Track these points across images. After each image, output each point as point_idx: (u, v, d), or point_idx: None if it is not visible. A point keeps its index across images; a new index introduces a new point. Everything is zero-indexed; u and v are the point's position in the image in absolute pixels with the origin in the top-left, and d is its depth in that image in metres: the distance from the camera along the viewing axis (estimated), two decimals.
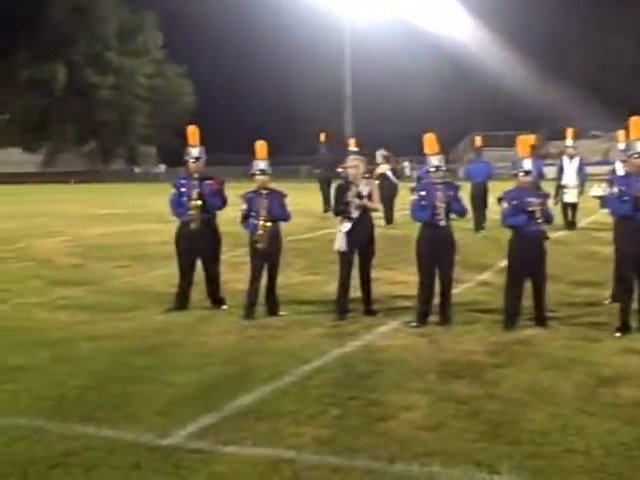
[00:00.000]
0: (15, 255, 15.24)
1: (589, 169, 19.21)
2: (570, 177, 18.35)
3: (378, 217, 11.43)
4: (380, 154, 21.48)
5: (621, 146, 13.00)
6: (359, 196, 9.05)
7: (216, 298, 9.81)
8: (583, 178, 18.45)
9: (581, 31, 67.33)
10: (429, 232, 8.76)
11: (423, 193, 8.80)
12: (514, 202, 8.48)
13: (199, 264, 9.77)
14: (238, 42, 70.37)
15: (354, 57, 60.88)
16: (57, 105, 67.88)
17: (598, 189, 16.57)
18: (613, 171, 13.54)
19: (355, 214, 9.05)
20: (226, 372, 6.97)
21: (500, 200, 8.67)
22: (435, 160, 8.90)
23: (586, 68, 67.95)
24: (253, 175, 9.35)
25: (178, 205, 9.67)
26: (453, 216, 8.94)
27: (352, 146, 23.40)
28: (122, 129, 70.83)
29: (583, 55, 68.13)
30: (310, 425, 5.63)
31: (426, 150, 9.05)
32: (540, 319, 8.58)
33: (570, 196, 18.30)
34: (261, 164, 9.30)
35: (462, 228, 13.19)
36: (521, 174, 8.59)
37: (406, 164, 44.58)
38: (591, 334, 8.18)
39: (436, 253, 8.74)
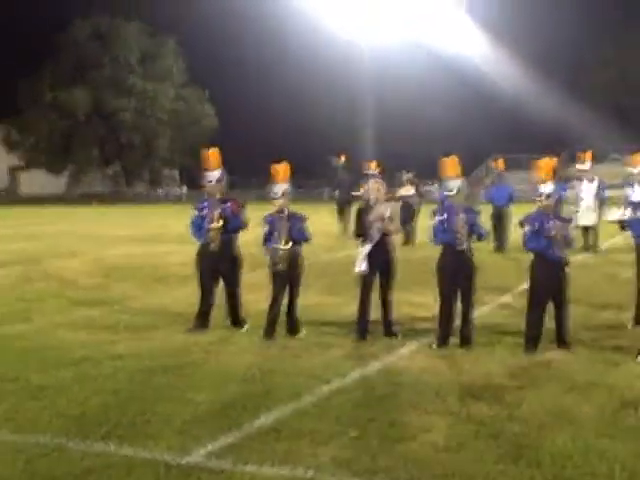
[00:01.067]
0: (38, 275, 15.33)
1: (609, 192, 19.07)
2: (588, 200, 18.26)
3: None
4: (406, 177, 21.52)
5: (635, 170, 12.90)
6: (380, 219, 9.05)
7: (237, 319, 9.82)
8: (603, 201, 18.34)
9: (605, 52, 67.23)
10: (449, 255, 8.74)
11: (444, 216, 8.79)
12: (535, 225, 8.45)
13: (220, 285, 9.79)
14: (260, 66, 70.94)
15: (374, 81, 61.11)
16: (81, 128, 68.56)
17: (616, 213, 16.46)
18: (629, 195, 13.41)
19: (375, 236, 9.06)
20: (246, 391, 6.97)
21: (521, 224, 8.65)
22: (455, 184, 8.89)
23: (604, 87, 67.78)
24: (274, 198, 9.36)
25: (198, 228, 9.71)
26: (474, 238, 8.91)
27: (372, 169, 23.45)
28: (145, 152, 71.37)
29: (606, 76, 67.96)
30: (329, 445, 5.62)
31: (446, 173, 9.04)
32: (562, 342, 8.52)
33: (589, 219, 18.18)
34: (278, 187, 9.30)
35: (483, 250, 13.13)
36: (543, 197, 8.55)
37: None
38: (613, 357, 8.11)
39: (457, 276, 8.72)
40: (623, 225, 10.00)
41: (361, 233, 9.19)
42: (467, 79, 64.57)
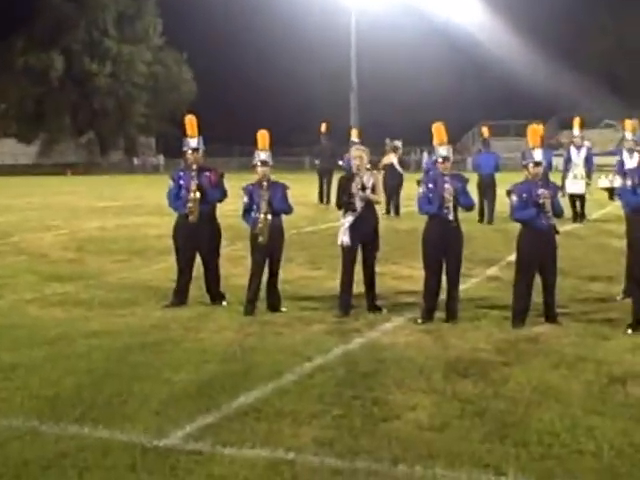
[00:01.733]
0: (9, 249, 15.26)
1: (598, 159, 19.14)
2: (577, 168, 18.30)
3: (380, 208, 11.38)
4: (389, 145, 21.50)
5: (629, 135, 12.93)
6: (362, 188, 9.04)
7: (216, 294, 9.81)
8: (590, 169, 18.38)
9: (597, 17, 67.06)
10: (436, 226, 8.75)
11: (430, 185, 8.79)
12: (523, 195, 8.45)
13: (198, 259, 9.78)
14: (240, 28, 70.29)
15: (361, 45, 60.63)
16: (53, 94, 67.84)
17: (605, 180, 16.51)
18: (621, 162, 13.47)
19: (359, 207, 9.05)
20: (225, 370, 6.98)
21: (509, 193, 8.65)
22: (443, 151, 8.88)
23: (601, 55, 67.71)
24: (254, 166, 9.34)
25: (176, 198, 9.68)
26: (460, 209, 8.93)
27: (354, 137, 23.44)
28: (120, 119, 70.74)
29: (598, 42, 67.84)
30: (311, 425, 5.64)
31: (435, 140, 9.04)
32: (550, 315, 8.57)
33: (577, 187, 18.23)
34: (262, 155, 9.29)
35: (470, 220, 13.16)
36: (531, 165, 8.55)
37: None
38: (602, 331, 8.17)
39: (443, 247, 8.74)
40: (612, 193, 10.03)
41: (344, 204, 9.17)
42: (459, 46, 64.28)
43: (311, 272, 12.03)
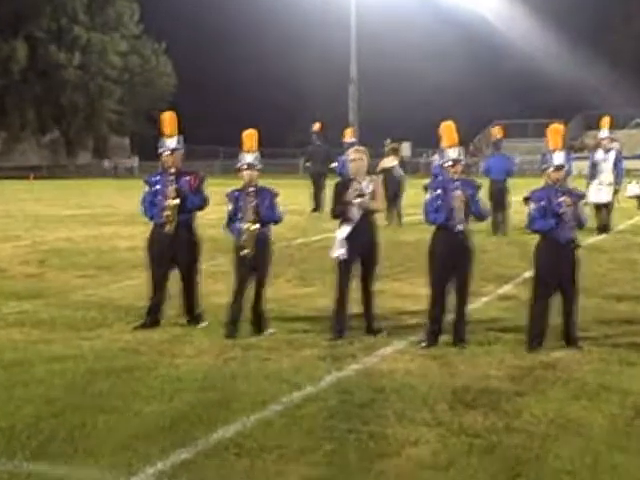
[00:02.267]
0: None
1: (627, 163, 19.20)
2: (604, 173, 18.33)
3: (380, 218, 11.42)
4: (388, 146, 21.56)
5: None
6: (361, 195, 9.05)
7: (193, 313, 9.80)
8: (619, 174, 18.42)
9: (629, 7, 67.32)
10: (444, 237, 8.74)
11: (439, 192, 8.78)
12: (542, 203, 8.46)
13: (174, 274, 9.77)
14: (226, 14, 70.41)
15: (362, 33, 60.49)
16: (15, 87, 67.85)
17: (635, 187, 16.58)
18: None
19: (356, 216, 9.06)
20: (203, 400, 6.95)
21: (526, 200, 8.66)
22: (453, 153, 8.88)
23: (632, 49, 67.93)
24: (239, 170, 9.35)
25: (151, 205, 9.67)
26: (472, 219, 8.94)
27: (348, 137, 23.52)
28: (90, 115, 70.79)
29: (629, 35, 68.08)
30: (299, 462, 5.62)
31: (443, 141, 9.06)
32: (570, 339, 8.56)
33: (603, 195, 18.26)
34: (249, 157, 9.29)
35: (481, 232, 13.19)
36: (551, 170, 8.57)
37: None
38: (629, 357, 8.16)
39: (451, 262, 8.72)
40: None
41: (339, 212, 9.18)
42: (472, 34, 64.45)
43: (302, 289, 12.03)
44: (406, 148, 47.99)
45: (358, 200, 9.05)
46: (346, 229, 9.08)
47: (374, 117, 59.41)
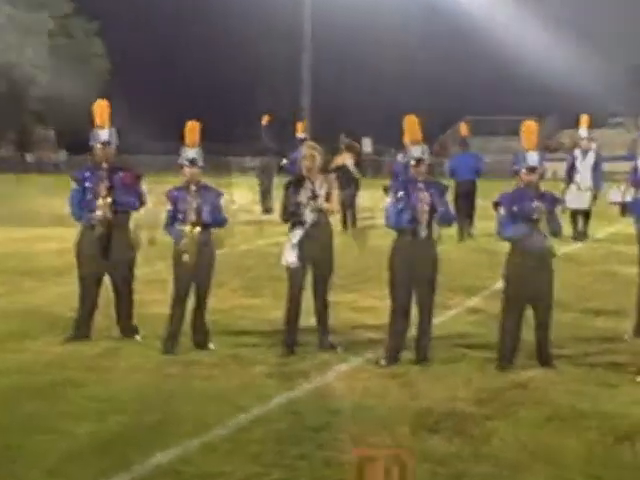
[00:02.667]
0: None
1: (606, 166, 19.38)
2: (583, 176, 18.51)
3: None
4: (344, 142, 21.60)
5: None
6: (314, 196, 9.07)
7: (127, 326, 9.77)
8: (599, 178, 18.60)
9: None
10: (406, 244, 8.76)
11: (401, 194, 8.81)
12: (514, 208, 8.52)
13: (106, 281, 9.73)
14: None
15: (318, 11, 60.42)
16: None
17: (617, 193, 16.73)
18: (635, 169, 13.64)
19: (308, 219, 9.08)
20: (139, 421, 6.94)
21: (496, 205, 8.71)
22: (417, 151, 8.92)
23: (614, 40, 68.60)
24: (181, 167, 9.33)
25: (80, 204, 9.62)
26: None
27: (299, 132, 23.62)
28: (12, 105, 70.07)
29: (612, 25, 68.76)
30: None
31: (406, 138, 9.10)
32: (543, 357, 8.65)
33: (581, 200, 18.45)
34: (191, 153, 9.28)
35: (446, 237, 13.24)
36: (524, 171, 8.63)
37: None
38: (607, 378, 8.25)
39: (414, 271, 8.74)
40: (625, 209, 10.15)
41: (290, 215, 9.19)
42: (441, 18, 64.57)
43: (248, 300, 12.03)
44: (367, 144, 47.87)
45: (311, 202, 9.08)
46: (298, 233, 9.09)
47: (331, 110, 59.41)
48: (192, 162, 9.25)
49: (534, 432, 6.76)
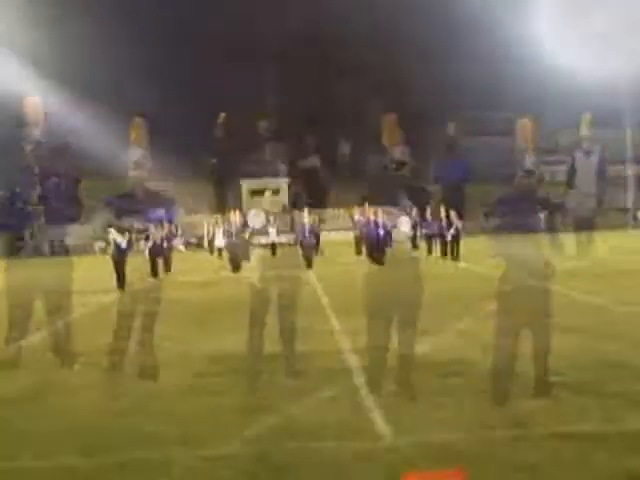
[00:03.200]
0: None
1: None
2: (585, 180, 18.54)
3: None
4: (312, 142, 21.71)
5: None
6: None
7: (64, 354, 9.80)
8: (604, 181, 18.63)
9: None
10: (388, 261, 8.79)
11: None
12: (507, 217, 8.54)
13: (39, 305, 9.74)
14: None
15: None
16: None
17: None
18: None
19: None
20: (80, 463, 6.92)
21: (487, 215, 8.73)
22: (396, 153, 8.97)
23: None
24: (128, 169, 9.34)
25: (9, 213, 9.61)
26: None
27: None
28: None
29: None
30: None
31: (385, 139, 9.14)
32: (542, 387, 8.64)
33: (583, 209, 18.50)
34: (136, 154, 9.29)
35: (432, 254, 13.35)
36: (520, 175, 8.67)
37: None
38: (617, 412, 8.21)
39: (394, 291, 8.77)
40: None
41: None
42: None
43: (204, 325, 12.06)
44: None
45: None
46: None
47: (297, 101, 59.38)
48: (136, 165, 9.25)
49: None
